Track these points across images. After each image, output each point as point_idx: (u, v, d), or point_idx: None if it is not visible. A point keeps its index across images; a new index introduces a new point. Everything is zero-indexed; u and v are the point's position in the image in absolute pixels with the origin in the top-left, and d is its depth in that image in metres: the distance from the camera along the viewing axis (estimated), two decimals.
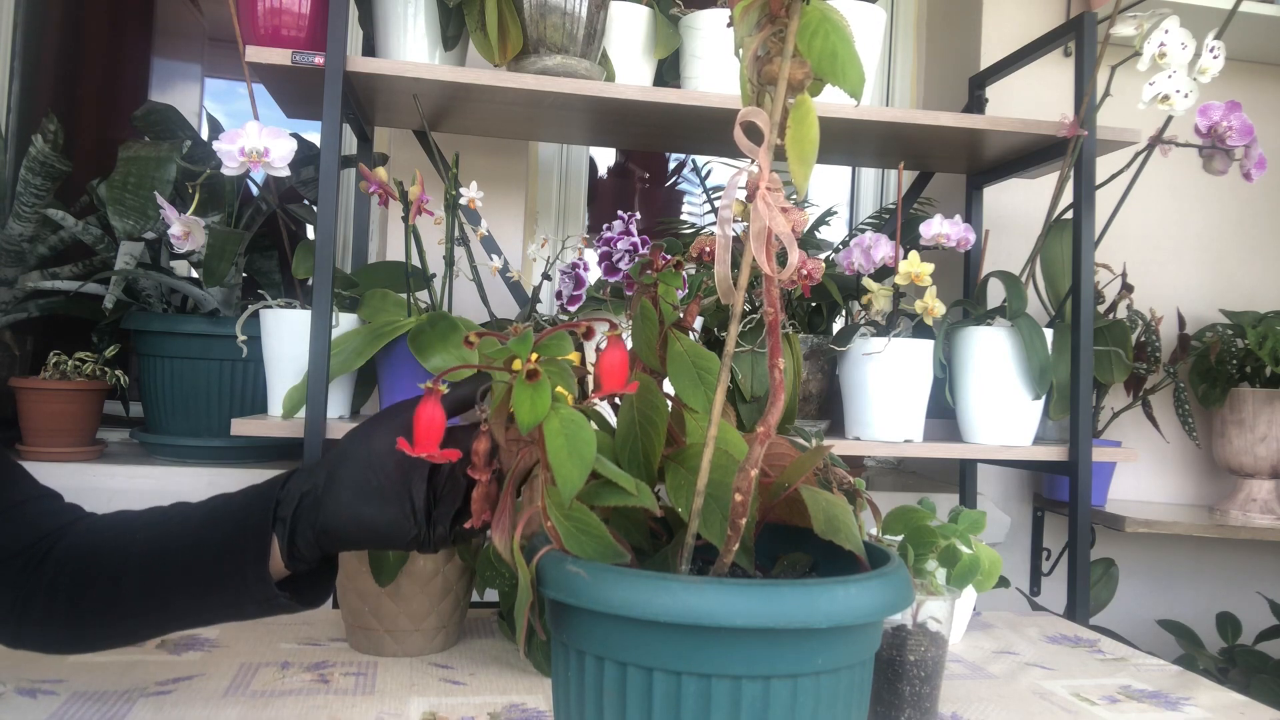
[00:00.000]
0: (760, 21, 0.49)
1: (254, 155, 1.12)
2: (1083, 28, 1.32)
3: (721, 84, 1.33)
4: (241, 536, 0.67)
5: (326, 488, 0.66)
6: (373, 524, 0.65)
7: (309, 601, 0.70)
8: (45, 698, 0.80)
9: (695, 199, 2.42)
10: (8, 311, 1.49)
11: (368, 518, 0.65)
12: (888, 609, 0.50)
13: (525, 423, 0.51)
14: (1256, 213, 1.89)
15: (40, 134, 1.40)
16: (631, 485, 0.54)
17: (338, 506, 0.65)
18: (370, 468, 0.66)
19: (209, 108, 2.91)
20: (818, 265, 0.54)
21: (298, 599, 0.69)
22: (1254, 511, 1.68)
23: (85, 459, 1.46)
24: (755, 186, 0.48)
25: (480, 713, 0.82)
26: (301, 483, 0.68)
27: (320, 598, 0.71)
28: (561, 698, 0.55)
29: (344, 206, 1.76)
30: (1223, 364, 1.68)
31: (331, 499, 0.66)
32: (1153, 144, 1.35)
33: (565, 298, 1.19)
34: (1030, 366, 1.30)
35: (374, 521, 0.65)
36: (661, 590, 0.47)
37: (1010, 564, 1.72)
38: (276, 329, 1.19)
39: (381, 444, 0.67)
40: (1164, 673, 1.04)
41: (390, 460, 0.66)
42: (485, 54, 1.23)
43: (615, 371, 0.55)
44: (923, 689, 0.82)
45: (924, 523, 0.84)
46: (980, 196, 1.62)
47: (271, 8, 1.21)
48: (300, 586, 0.70)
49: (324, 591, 0.72)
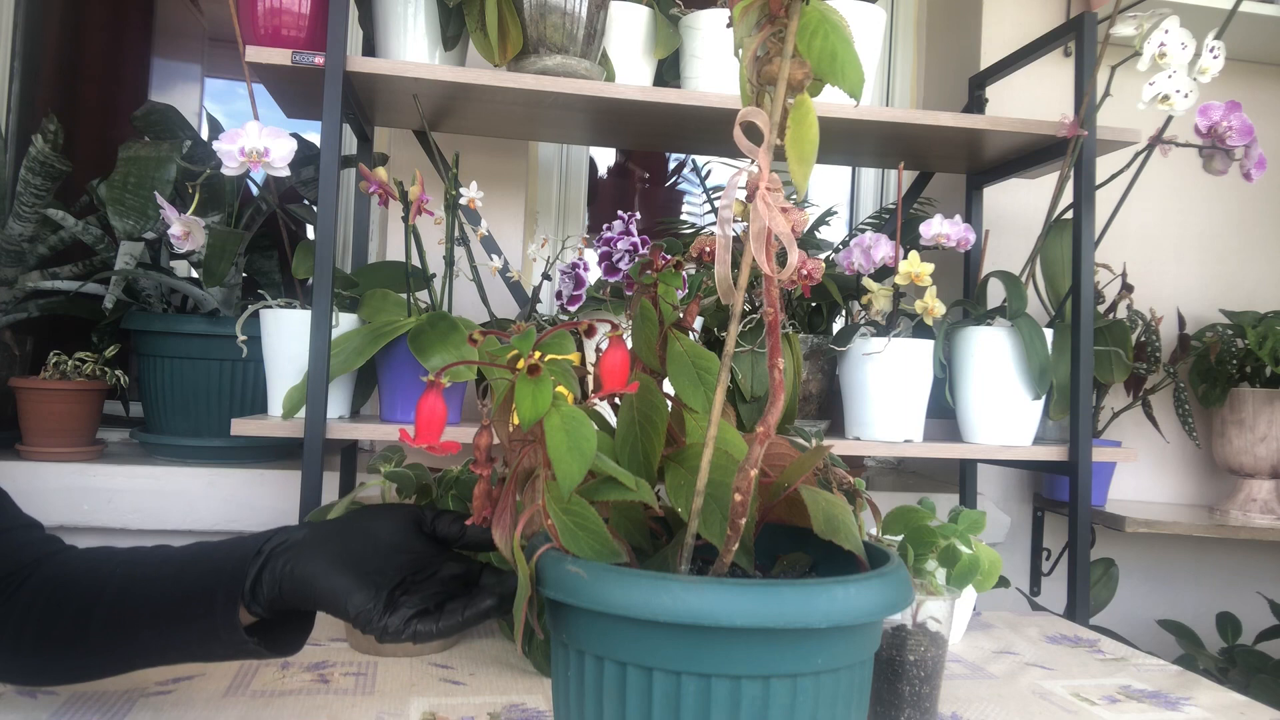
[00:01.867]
0: (760, 22, 0.49)
1: (254, 155, 1.12)
2: (1083, 28, 1.32)
3: (721, 84, 1.33)
4: (215, 578, 0.67)
5: (310, 540, 0.67)
6: (335, 584, 0.65)
7: (280, 650, 0.70)
8: (45, 698, 0.80)
9: (695, 199, 2.42)
10: (8, 311, 1.49)
11: (334, 577, 0.65)
12: (887, 609, 0.50)
13: (526, 418, 0.51)
14: (1256, 213, 1.89)
15: (40, 134, 1.40)
16: (631, 480, 0.54)
17: (314, 558, 0.66)
18: (360, 538, 0.67)
19: (209, 108, 2.91)
20: (818, 265, 0.54)
21: (269, 647, 0.69)
22: (1254, 511, 1.68)
23: (85, 459, 1.46)
24: (755, 186, 0.48)
25: (480, 713, 0.82)
26: (287, 532, 0.69)
27: (292, 647, 0.71)
28: (561, 697, 0.55)
29: (344, 206, 1.76)
30: (1223, 364, 1.68)
31: (311, 550, 0.66)
32: (1153, 144, 1.35)
33: (565, 298, 1.19)
34: (1030, 366, 1.30)
35: (337, 583, 0.65)
36: (661, 590, 0.47)
37: (1010, 564, 1.72)
38: (276, 329, 1.19)
39: (381, 527, 0.69)
40: (1164, 673, 1.04)
41: (381, 541, 0.68)
42: (485, 54, 1.23)
43: (616, 371, 0.55)
44: (923, 689, 0.82)
45: (924, 523, 0.84)
46: (980, 196, 1.62)
47: (271, 8, 1.21)
48: (275, 635, 0.70)
49: (297, 641, 0.72)
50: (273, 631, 0.70)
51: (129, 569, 0.70)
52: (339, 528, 0.68)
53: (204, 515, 1.43)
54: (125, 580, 0.69)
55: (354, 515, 0.70)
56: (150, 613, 0.68)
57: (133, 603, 0.68)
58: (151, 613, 0.68)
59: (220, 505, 1.43)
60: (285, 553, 0.67)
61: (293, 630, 0.72)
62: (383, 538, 0.68)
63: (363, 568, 0.65)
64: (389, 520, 0.69)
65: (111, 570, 0.70)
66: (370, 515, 0.70)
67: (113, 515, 1.40)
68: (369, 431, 1.15)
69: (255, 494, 1.44)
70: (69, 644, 0.69)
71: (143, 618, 0.68)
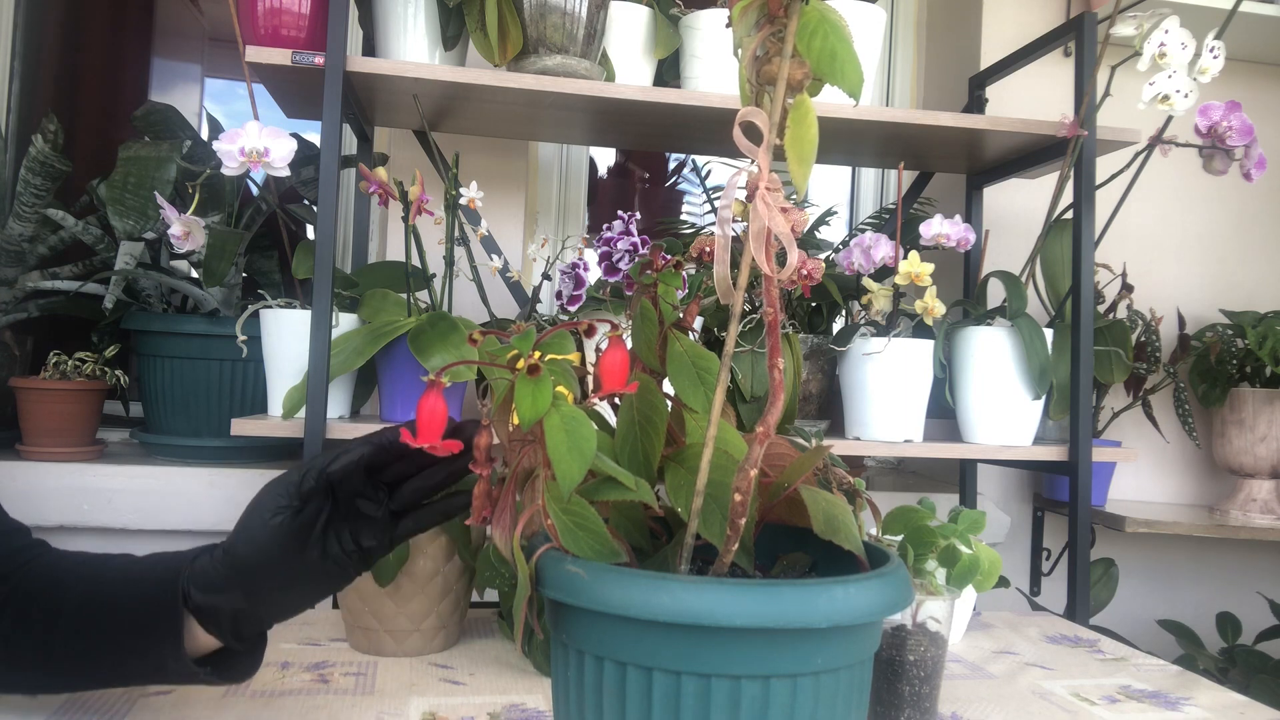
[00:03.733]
0: (759, 22, 0.49)
1: (254, 155, 1.12)
2: (1083, 28, 1.32)
3: (721, 84, 1.33)
4: (152, 614, 0.66)
5: (230, 539, 0.67)
6: (268, 525, 0.65)
7: (232, 678, 0.70)
8: (45, 698, 0.80)
9: (695, 199, 2.42)
10: (8, 311, 1.49)
11: (264, 518, 0.65)
12: (887, 609, 0.50)
13: (526, 418, 0.51)
14: (1256, 213, 1.89)
15: (40, 134, 1.40)
16: (630, 480, 0.54)
17: (240, 529, 0.66)
18: (260, 500, 0.67)
19: (209, 108, 2.91)
20: (818, 265, 0.54)
21: (221, 674, 0.68)
22: (1254, 511, 1.68)
23: (85, 459, 1.46)
24: (755, 186, 0.48)
25: (480, 713, 0.82)
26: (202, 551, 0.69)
27: (247, 673, 0.71)
28: (561, 697, 0.55)
29: (344, 206, 1.76)
30: (1223, 364, 1.68)
31: (234, 532, 0.67)
32: (1153, 144, 1.35)
33: (565, 298, 1.19)
34: (1030, 366, 1.30)
35: (270, 522, 0.65)
36: (660, 590, 0.47)
37: (1010, 564, 1.72)
38: (276, 329, 1.19)
39: (262, 500, 0.67)
40: (1164, 673, 1.04)
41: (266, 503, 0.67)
42: (485, 54, 1.23)
43: (615, 371, 0.55)
44: (922, 689, 0.82)
45: (924, 523, 0.84)
46: (980, 196, 1.62)
47: (271, 8, 1.21)
48: (227, 661, 0.69)
49: (250, 667, 0.71)
50: (229, 659, 0.70)
51: (81, 603, 0.69)
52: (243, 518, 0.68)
53: (204, 515, 1.43)
54: (78, 612, 0.69)
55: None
56: (107, 651, 0.68)
57: (88, 634, 0.68)
58: (108, 651, 0.68)
59: (220, 505, 1.43)
60: (215, 552, 0.67)
61: (248, 655, 0.71)
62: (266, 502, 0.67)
63: (281, 505, 0.66)
64: (265, 493, 0.68)
65: (66, 594, 0.69)
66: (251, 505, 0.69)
67: (113, 515, 1.40)
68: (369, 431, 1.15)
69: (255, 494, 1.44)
70: (37, 663, 0.69)
71: (99, 656, 0.68)
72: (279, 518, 0.65)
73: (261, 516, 0.65)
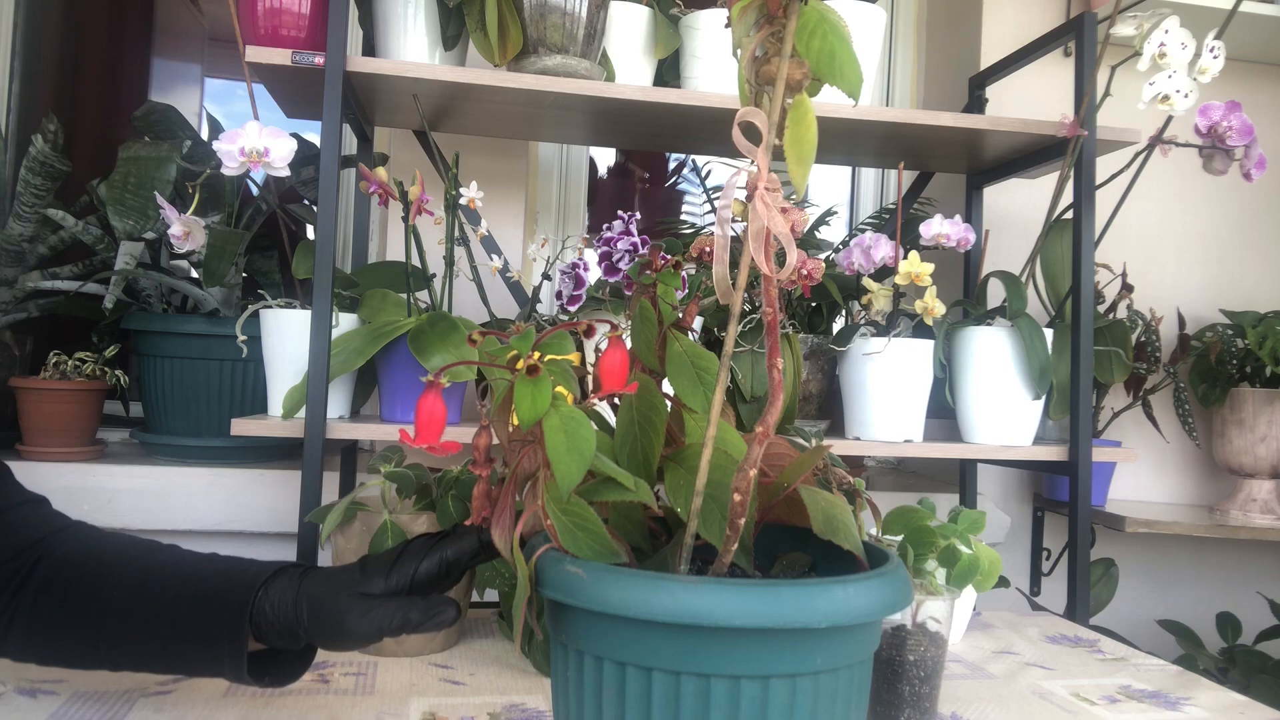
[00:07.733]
0: (758, 22, 0.49)
1: (254, 155, 1.12)
2: (1083, 28, 1.32)
3: (721, 84, 1.33)
4: (215, 627, 0.68)
5: (308, 572, 0.69)
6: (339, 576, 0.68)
7: (278, 681, 0.71)
8: (45, 698, 0.80)
9: (695, 199, 2.42)
10: (8, 311, 1.49)
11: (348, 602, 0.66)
12: (886, 609, 0.50)
13: (525, 419, 0.51)
14: (1256, 213, 1.89)
15: (40, 134, 1.40)
16: (630, 481, 0.54)
17: (318, 575, 0.69)
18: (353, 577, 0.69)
19: (209, 108, 2.91)
20: (817, 265, 0.54)
21: (270, 677, 0.70)
22: (1254, 511, 1.68)
23: (85, 459, 1.46)
24: (754, 186, 0.48)
25: (480, 713, 0.82)
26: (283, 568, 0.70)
27: (290, 678, 0.72)
28: (561, 698, 0.55)
29: (344, 206, 1.76)
30: (1223, 364, 1.68)
31: (313, 574, 0.69)
32: (1153, 144, 1.35)
33: (565, 298, 1.19)
34: (1030, 366, 1.30)
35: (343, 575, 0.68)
36: (660, 590, 0.47)
37: (1010, 564, 1.72)
38: (276, 329, 1.19)
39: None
40: (1164, 673, 1.04)
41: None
42: (485, 54, 1.23)
43: (615, 372, 0.55)
44: (922, 689, 0.82)
45: (924, 523, 0.84)
46: (980, 196, 1.62)
47: (271, 8, 1.21)
48: (277, 662, 0.71)
49: (296, 672, 0.73)
50: (279, 660, 0.71)
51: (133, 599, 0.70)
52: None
53: (204, 515, 1.43)
54: (135, 600, 0.70)
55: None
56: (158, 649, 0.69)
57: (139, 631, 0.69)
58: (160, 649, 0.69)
59: (220, 505, 1.43)
60: (292, 581, 0.68)
61: (298, 661, 0.73)
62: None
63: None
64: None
65: (118, 584, 0.70)
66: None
67: (113, 515, 1.40)
68: (369, 431, 1.15)
69: (255, 494, 1.44)
70: (81, 653, 0.70)
71: (152, 657, 0.70)
72: (362, 603, 0.67)
73: (348, 595, 0.67)
